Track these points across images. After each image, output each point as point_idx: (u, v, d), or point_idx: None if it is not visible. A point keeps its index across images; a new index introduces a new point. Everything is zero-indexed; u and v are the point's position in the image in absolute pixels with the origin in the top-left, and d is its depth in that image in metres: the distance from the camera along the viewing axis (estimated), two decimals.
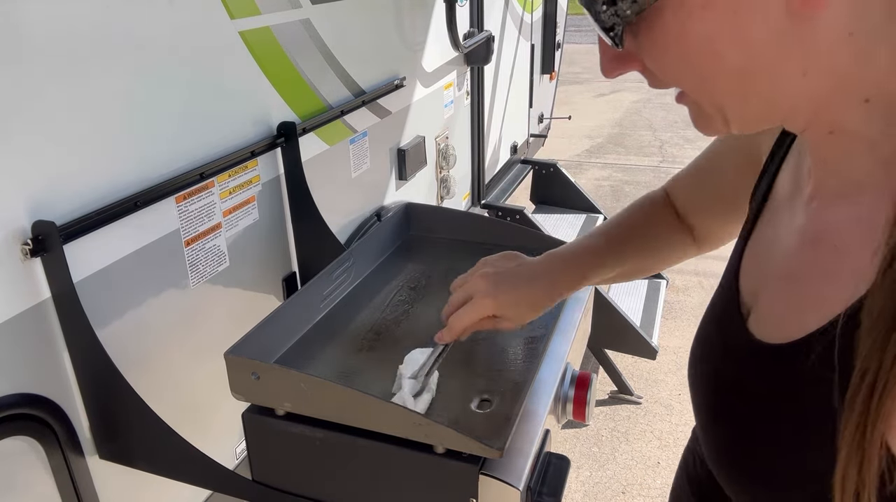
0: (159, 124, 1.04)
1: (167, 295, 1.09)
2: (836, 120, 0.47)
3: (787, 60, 0.44)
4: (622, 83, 8.50)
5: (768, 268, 0.58)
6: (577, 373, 0.95)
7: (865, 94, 0.45)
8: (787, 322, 0.51)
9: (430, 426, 0.73)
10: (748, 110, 0.48)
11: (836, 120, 0.47)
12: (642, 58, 0.48)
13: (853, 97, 0.46)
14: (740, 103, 0.47)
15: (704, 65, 0.46)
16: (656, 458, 2.44)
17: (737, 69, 0.45)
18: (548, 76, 3.65)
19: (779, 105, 0.47)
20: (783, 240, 0.56)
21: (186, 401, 1.17)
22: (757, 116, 0.48)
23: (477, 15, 2.34)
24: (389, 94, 1.74)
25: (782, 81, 0.45)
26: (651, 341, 2.62)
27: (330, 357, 0.94)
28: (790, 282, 0.53)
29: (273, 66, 1.28)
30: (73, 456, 0.96)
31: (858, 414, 0.40)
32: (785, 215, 0.58)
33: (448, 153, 2.23)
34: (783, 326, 0.51)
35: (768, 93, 0.46)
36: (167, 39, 1.03)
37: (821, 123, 0.48)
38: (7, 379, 0.86)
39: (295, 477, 0.86)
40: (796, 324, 0.49)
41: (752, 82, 0.45)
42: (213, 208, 1.17)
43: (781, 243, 0.57)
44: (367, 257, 1.16)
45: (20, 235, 0.85)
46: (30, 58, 0.83)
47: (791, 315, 0.51)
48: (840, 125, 0.48)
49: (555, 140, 5.30)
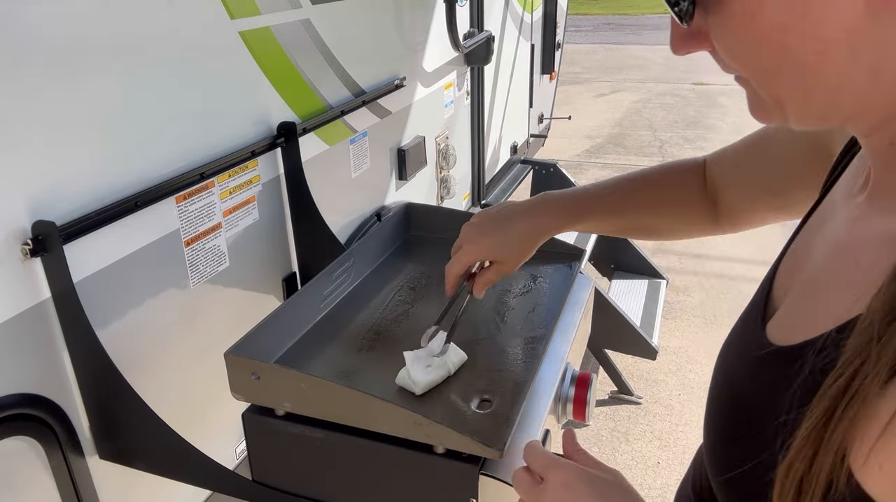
0: (159, 124, 1.04)
1: (167, 295, 1.09)
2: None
3: (858, 60, 0.42)
4: (622, 83, 8.50)
5: (799, 271, 0.56)
6: (577, 372, 0.95)
7: None
8: (797, 327, 0.50)
9: (430, 426, 0.73)
10: (809, 107, 0.46)
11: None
12: (712, 38, 0.47)
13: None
14: (802, 99, 0.45)
15: (771, 55, 0.44)
16: (656, 458, 2.44)
17: (804, 64, 0.43)
18: (548, 76, 3.65)
19: (842, 106, 0.45)
20: (819, 245, 0.55)
21: (186, 401, 1.17)
22: (818, 114, 0.46)
23: (477, 15, 2.34)
24: (389, 94, 1.74)
25: (850, 82, 0.43)
26: (651, 341, 2.62)
27: (330, 357, 0.94)
28: (811, 288, 0.53)
29: (273, 66, 1.29)
30: (73, 456, 0.95)
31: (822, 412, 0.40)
32: (830, 220, 0.56)
33: (448, 153, 2.23)
34: (793, 331, 0.50)
35: (833, 92, 0.44)
36: (167, 39, 1.03)
37: (884, 132, 0.46)
38: (7, 379, 0.86)
39: (295, 477, 0.86)
40: (802, 331, 0.48)
41: (818, 79, 0.43)
42: (214, 208, 1.17)
43: (817, 248, 0.55)
44: (367, 257, 1.16)
45: (20, 235, 0.85)
46: (29, 58, 0.83)
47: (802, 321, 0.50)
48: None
49: (555, 140, 5.30)
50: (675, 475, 2.32)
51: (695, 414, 2.66)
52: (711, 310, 3.31)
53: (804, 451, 0.41)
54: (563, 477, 0.60)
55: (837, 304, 0.46)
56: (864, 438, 0.38)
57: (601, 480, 0.60)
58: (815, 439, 0.40)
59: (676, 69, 8.98)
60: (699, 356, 3.00)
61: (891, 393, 0.37)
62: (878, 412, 0.38)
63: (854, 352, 0.39)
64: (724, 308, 3.32)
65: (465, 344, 0.96)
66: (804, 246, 0.58)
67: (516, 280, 1.11)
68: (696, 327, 3.20)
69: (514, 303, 1.05)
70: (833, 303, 0.47)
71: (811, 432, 0.40)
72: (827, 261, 0.52)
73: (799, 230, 0.60)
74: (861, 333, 0.40)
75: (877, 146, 0.48)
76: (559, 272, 1.12)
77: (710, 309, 3.33)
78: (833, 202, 0.56)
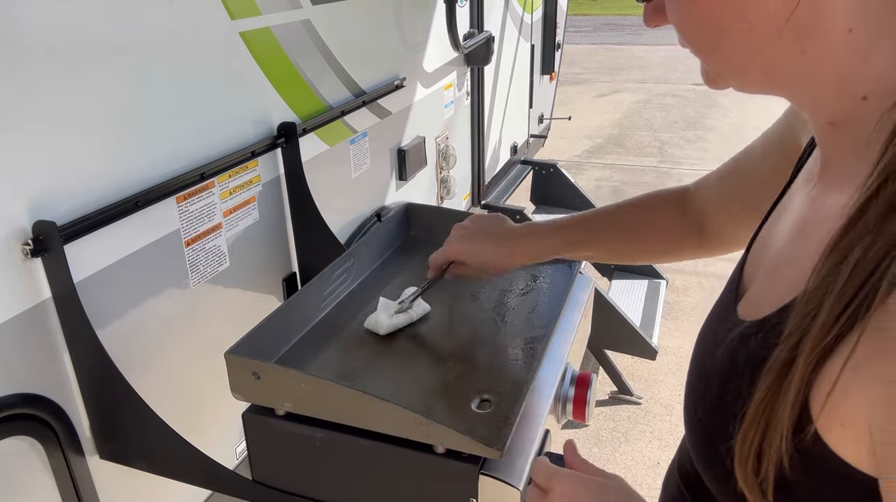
0: (160, 124, 1.04)
1: (168, 295, 1.09)
2: (834, 111, 0.49)
3: (783, 40, 0.46)
4: (622, 83, 8.50)
5: (764, 254, 0.60)
6: (577, 372, 0.95)
7: (863, 92, 0.46)
8: (761, 304, 0.53)
9: (430, 426, 0.73)
10: (747, 79, 0.51)
11: (834, 111, 0.49)
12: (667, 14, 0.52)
13: (851, 92, 0.47)
14: (739, 72, 0.51)
15: (710, 33, 0.50)
16: (656, 458, 2.44)
17: (736, 42, 0.48)
18: (548, 76, 3.65)
19: (776, 79, 0.50)
20: (782, 228, 0.58)
21: (186, 401, 1.17)
22: (756, 84, 0.52)
23: (477, 15, 2.35)
24: (390, 95, 1.74)
25: (779, 59, 0.48)
26: (651, 341, 2.62)
27: (330, 357, 0.94)
28: (773, 267, 0.56)
29: (273, 67, 1.29)
30: (74, 456, 0.96)
31: (768, 384, 0.43)
32: (791, 204, 0.59)
33: (448, 153, 2.23)
34: (758, 308, 0.53)
35: (765, 67, 0.49)
36: (167, 39, 1.04)
37: (821, 111, 0.50)
38: (7, 379, 0.86)
39: (295, 477, 0.86)
40: (765, 307, 0.51)
41: (750, 56, 0.49)
42: (214, 208, 1.17)
43: (780, 231, 0.58)
44: (367, 257, 1.16)
45: (21, 235, 0.85)
46: (30, 58, 0.83)
47: (766, 298, 0.53)
48: (839, 118, 0.49)
49: (555, 140, 5.30)
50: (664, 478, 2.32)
51: None
52: None
53: (757, 420, 0.44)
54: (566, 487, 0.62)
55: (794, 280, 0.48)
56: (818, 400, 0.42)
57: (603, 486, 0.62)
58: (765, 408, 0.44)
59: (676, 69, 8.98)
60: None
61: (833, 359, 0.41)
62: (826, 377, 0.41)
63: (793, 326, 0.43)
64: None
65: (465, 344, 0.96)
66: (770, 230, 0.61)
67: (516, 280, 1.11)
68: (696, 327, 3.18)
69: (514, 303, 1.05)
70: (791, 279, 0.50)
71: (761, 402, 0.44)
72: (787, 241, 0.56)
73: (767, 217, 0.64)
74: (799, 309, 0.43)
75: (818, 125, 0.52)
76: (559, 272, 1.12)
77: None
78: (794, 190, 0.60)
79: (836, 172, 0.51)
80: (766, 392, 0.44)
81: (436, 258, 0.97)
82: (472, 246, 0.94)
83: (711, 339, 0.61)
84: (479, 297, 1.07)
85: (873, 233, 0.40)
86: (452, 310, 1.05)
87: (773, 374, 0.43)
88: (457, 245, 0.95)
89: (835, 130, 0.50)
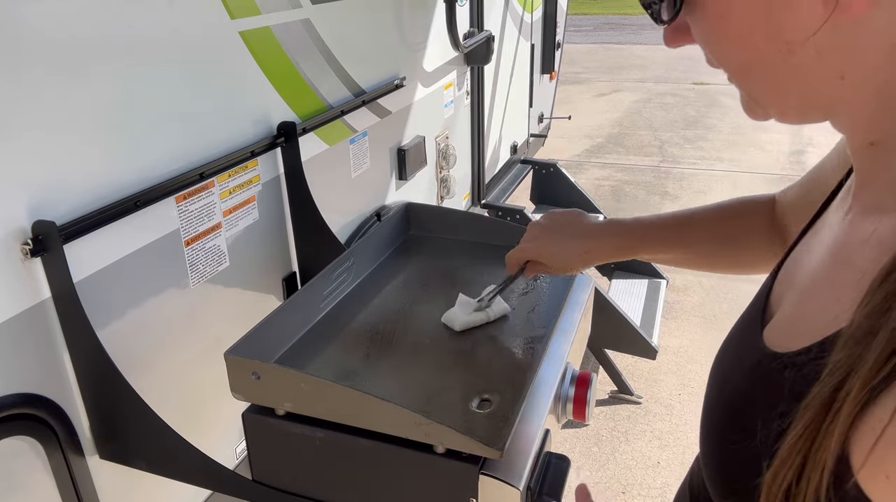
0: (159, 124, 1.04)
1: (167, 295, 1.09)
2: (877, 130, 0.46)
3: (823, 63, 0.43)
4: (622, 83, 8.50)
5: (795, 276, 0.56)
6: (577, 372, 0.95)
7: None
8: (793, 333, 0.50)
9: (431, 426, 0.73)
10: (785, 105, 0.48)
11: (877, 130, 0.46)
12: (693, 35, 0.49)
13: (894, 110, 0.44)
14: (776, 97, 0.48)
15: (741, 54, 0.46)
16: (656, 458, 2.44)
17: (772, 63, 0.45)
18: (548, 76, 3.65)
19: (817, 105, 0.47)
20: (815, 251, 0.55)
21: (186, 401, 1.17)
22: (796, 112, 0.48)
23: (477, 15, 2.34)
24: (389, 94, 1.74)
25: (819, 83, 0.45)
26: (651, 341, 2.62)
27: (330, 357, 0.94)
28: (806, 293, 0.52)
29: (273, 66, 1.29)
30: (73, 456, 0.96)
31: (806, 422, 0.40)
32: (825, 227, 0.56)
33: (448, 153, 2.23)
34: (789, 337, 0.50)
35: (805, 91, 0.46)
36: (167, 39, 1.04)
37: (862, 131, 0.48)
38: (7, 379, 0.86)
39: (295, 477, 0.86)
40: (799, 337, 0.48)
41: (787, 79, 0.46)
42: (213, 208, 1.17)
43: (813, 253, 0.55)
44: (367, 257, 1.16)
45: (20, 235, 0.85)
46: (30, 57, 0.83)
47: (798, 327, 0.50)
48: (880, 137, 0.46)
49: (555, 140, 5.30)
50: (675, 475, 2.32)
51: (695, 415, 2.66)
52: (711, 310, 3.31)
53: (791, 460, 0.41)
54: None
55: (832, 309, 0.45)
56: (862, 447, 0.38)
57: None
58: (801, 448, 0.40)
59: (676, 69, 8.97)
60: (699, 356, 3.00)
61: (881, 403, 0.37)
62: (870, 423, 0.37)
63: (836, 363, 0.39)
64: (724, 308, 3.32)
65: (465, 343, 0.96)
66: (802, 253, 0.58)
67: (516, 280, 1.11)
68: (696, 327, 3.20)
69: (514, 303, 1.05)
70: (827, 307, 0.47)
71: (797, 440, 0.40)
72: (822, 265, 0.52)
73: (799, 239, 0.61)
74: (844, 345, 0.39)
75: (858, 146, 0.49)
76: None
77: (710, 309, 3.33)
78: (830, 211, 0.57)
79: (875, 194, 0.48)
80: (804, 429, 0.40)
81: (511, 257, 0.96)
82: (548, 245, 0.92)
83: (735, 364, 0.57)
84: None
85: None
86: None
87: (812, 412, 0.40)
88: (532, 244, 0.93)
89: (875, 150, 0.47)
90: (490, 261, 1.15)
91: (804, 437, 0.40)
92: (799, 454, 0.40)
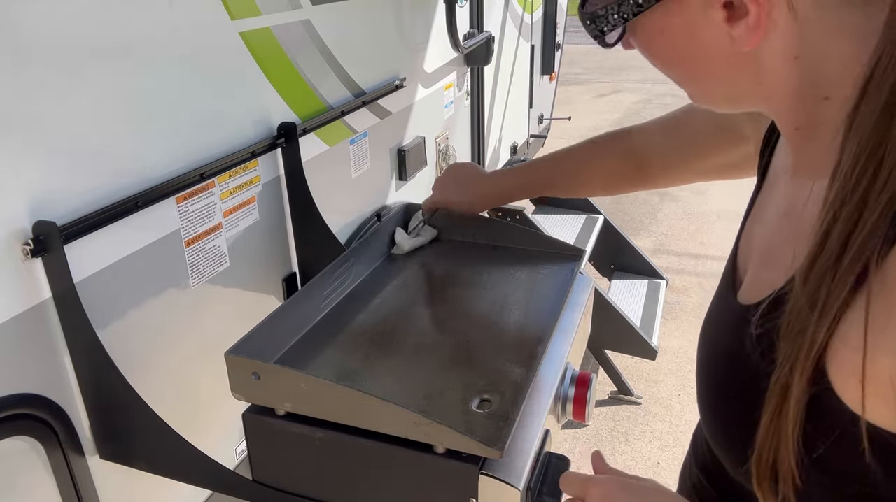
0: (160, 125, 1.04)
1: (168, 295, 1.10)
2: (797, 118, 0.53)
3: (741, 74, 0.53)
4: (622, 83, 8.50)
5: (755, 243, 0.63)
6: (577, 372, 0.95)
7: (824, 94, 0.50)
8: (760, 287, 0.55)
9: (430, 426, 0.73)
10: (713, 100, 0.59)
11: (797, 118, 0.53)
12: None
13: (812, 99, 0.51)
14: (705, 96, 0.59)
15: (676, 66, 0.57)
16: (656, 459, 2.44)
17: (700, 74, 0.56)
18: (548, 77, 3.65)
19: (741, 103, 0.57)
20: (768, 216, 0.62)
21: (187, 401, 1.17)
22: (729, 106, 0.59)
23: (477, 15, 2.34)
24: (390, 95, 1.74)
25: (741, 87, 0.54)
26: (651, 341, 2.62)
27: (330, 357, 0.94)
28: (765, 253, 0.59)
29: (273, 67, 1.29)
30: (74, 456, 0.96)
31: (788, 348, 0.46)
32: (773, 193, 0.63)
33: (448, 153, 2.23)
34: (758, 291, 0.55)
35: (730, 93, 0.56)
36: (167, 40, 1.04)
37: (787, 120, 0.55)
38: (7, 379, 0.86)
39: (295, 477, 0.86)
40: (767, 288, 0.53)
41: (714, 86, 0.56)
42: (214, 208, 1.17)
43: (767, 218, 0.62)
44: (367, 257, 1.16)
45: (21, 235, 0.85)
46: (30, 58, 0.83)
47: (764, 281, 0.55)
48: (803, 122, 0.53)
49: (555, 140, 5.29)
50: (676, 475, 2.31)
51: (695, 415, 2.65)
52: None
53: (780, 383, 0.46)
54: (602, 489, 0.62)
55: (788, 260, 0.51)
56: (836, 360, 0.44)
57: (640, 486, 0.62)
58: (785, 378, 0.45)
59: None
60: None
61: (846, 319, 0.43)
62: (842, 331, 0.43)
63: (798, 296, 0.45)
64: None
65: (465, 343, 0.96)
66: (756, 219, 0.65)
67: (516, 280, 1.11)
68: (696, 327, 3.18)
69: (515, 303, 1.05)
70: (786, 260, 0.52)
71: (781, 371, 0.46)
72: (776, 227, 0.59)
73: (750, 210, 0.68)
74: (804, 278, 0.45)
75: (786, 130, 0.57)
76: (559, 272, 1.12)
77: None
78: (773, 179, 0.65)
79: (807, 164, 0.55)
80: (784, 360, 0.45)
81: (425, 205, 1.19)
82: (449, 194, 1.15)
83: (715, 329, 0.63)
84: (479, 297, 1.07)
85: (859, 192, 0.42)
86: (452, 310, 1.05)
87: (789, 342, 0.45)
88: (438, 194, 1.16)
89: (800, 133, 0.54)
90: (490, 262, 1.15)
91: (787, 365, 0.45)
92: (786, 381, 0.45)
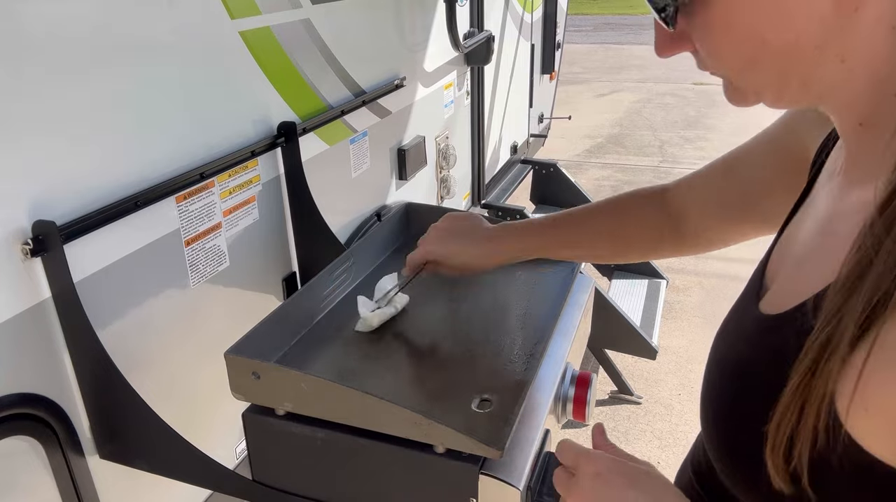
0: (159, 124, 1.04)
1: (167, 294, 1.09)
2: (866, 111, 0.49)
3: (828, 47, 0.45)
4: (622, 83, 8.50)
5: (788, 251, 0.60)
6: (577, 372, 0.95)
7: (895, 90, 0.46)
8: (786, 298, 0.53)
9: (430, 426, 0.73)
10: (784, 92, 0.50)
11: (866, 111, 0.49)
12: (694, 40, 0.51)
13: (887, 91, 0.46)
14: (777, 86, 0.49)
15: (750, 50, 0.48)
16: (656, 458, 2.44)
17: (779, 55, 0.47)
18: (548, 76, 3.65)
19: (815, 89, 0.49)
20: (805, 227, 0.58)
21: (187, 401, 1.17)
22: (792, 98, 0.51)
23: (477, 15, 2.34)
24: (389, 94, 1.74)
25: (821, 67, 0.47)
26: (651, 341, 2.62)
27: (330, 357, 0.94)
28: (800, 264, 0.56)
29: (273, 66, 1.29)
30: (74, 456, 0.96)
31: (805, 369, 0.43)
32: (814, 203, 0.59)
33: (448, 153, 2.23)
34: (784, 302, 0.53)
35: (806, 76, 0.48)
36: (167, 39, 1.04)
37: (852, 113, 0.50)
38: (7, 379, 0.86)
39: (295, 477, 0.86)
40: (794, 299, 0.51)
41: (792, 66, 0.47)
42: (214, 208, 1.17)
43: (803, 229, 0.58)
44: (367, 257, 1.16)
45: (20, 235, 0.85)
46: (30, 58, 0.83)
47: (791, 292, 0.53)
48: (870, 117, 0.49)
49: (555, 140, 5.30)
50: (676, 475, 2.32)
51: (695, 414, 2.65)
52: (711, 310, 3.31)
53: (792, 406, 0.44)
54: (594, 467, 0.61)
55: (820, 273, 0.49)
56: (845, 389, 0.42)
57: (633, 469, 0.60)
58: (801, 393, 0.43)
59: (677, 69, 8.97)
60: (699, 356, 3.00)
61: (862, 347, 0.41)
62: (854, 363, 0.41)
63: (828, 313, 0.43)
64: (724, 308, 3.27)
65: (465, 343, 0.96)
66: (793, 231, 0.61)
67: (517, 280, 1.11)
68: (696, 327, 3.20)
69: (514, 303, 1.05)
70: (816, 272, 0.50)
71: (797, 387, 0.44)
72: (812, 237, 0.56)
73: (789, 219, 0.64)
74: (833, 297, 0.43)
75: (847, 126, 0.52)
76: (559, 272, 1.12)
77: (710, 309, 3.33)
78: (817, 188, 0.60)
79: (862, 169, 0.51)
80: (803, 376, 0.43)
81: (413, 258, 0.99)
82: (449, 247, 0.95)
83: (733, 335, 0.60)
84: (479, 297, 1.07)
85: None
86: (452, 310, 1.05)
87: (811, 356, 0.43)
88: (434, 246, 0.97)
89: (864, 130, 0.50)
90: None
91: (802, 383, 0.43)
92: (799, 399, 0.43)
